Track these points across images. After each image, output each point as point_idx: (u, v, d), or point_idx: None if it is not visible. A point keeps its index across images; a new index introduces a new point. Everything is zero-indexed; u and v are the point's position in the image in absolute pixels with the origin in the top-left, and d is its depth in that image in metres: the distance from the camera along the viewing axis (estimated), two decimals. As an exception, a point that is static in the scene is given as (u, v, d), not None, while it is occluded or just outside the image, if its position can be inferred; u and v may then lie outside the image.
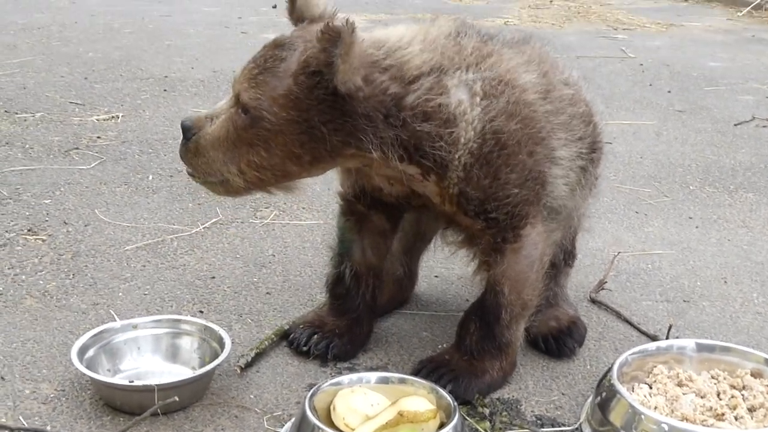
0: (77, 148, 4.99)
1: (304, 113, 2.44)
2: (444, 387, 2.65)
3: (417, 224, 3.11)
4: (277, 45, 2.51)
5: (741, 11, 11.10)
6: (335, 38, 2.30)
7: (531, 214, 2.65)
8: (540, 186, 2.64)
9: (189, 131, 2.59)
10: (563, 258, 3.11)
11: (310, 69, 2.40)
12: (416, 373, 2.77)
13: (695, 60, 8.15)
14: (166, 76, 6.81)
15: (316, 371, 2.88)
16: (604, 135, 3.05)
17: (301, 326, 3.01)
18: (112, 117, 5.64)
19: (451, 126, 2.49)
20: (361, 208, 2.91)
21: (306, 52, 2.43)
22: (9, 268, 3.50)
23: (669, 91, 6.91)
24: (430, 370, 2.78)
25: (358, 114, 2.44)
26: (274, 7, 10.54)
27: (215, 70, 7.09)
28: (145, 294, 3.36)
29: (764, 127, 5.95)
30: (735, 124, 5.98)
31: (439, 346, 3.04)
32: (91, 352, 2.77)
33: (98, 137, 5.20)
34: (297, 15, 2.65)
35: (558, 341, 3.01)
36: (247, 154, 2.52)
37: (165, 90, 6.40)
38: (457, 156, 2.52)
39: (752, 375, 2.68)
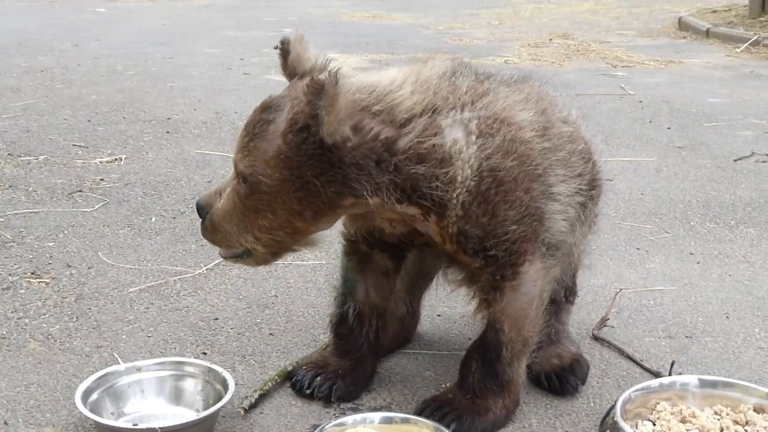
0: (80, 191, 5.02)
1: (296, 170, 2.49)
2: (447, 426, 2.66)
3: (420, 263, 3.12)
4: (264, 108, 2.56)
5: (739, 47, 11.17)
6: (319, 91, 2.35)
7: (529, 251, 2.66)
8: (537, 222, 2.65)
9: (202, 210, 2.69)
10: (564, 295, 3.12)
11: (298, 125, 2.45)
12: (420, 412, 2.77)
13: (694, 96, 8.19)
14: (168, 118, 6.86)
15: (320, 412, 2.88)
16: (604, 173, 3.07)
17: (304, 367, 3.01)
18: (115, 159, 5.68)
19: (447, 165, 2.52)
20: (364, 248, 2.93)
21: (293, 109, 2.48)
22: (12, 312, 3.52)
23: (669, 128, 6.94)
24: (434, 409, 2.77)
25: (347, 164, 2.47)
26: (276, 48, 10.61)
27: (218, 111, 7.14)
28: (148, 336, 3.37)
29: (764, 162, 5.97)
30: (735, 160, 6.01)
31: (443, 385, 3.04)
32: (95, 396, 2.77)
33: (101, 179, 5.24)
34: (290, 71, 2.68)
35: (561, 379, 3.01)
36: (256, 221, 2.59)
37: (168, 132, 6.44)
38: (455, 195, 2.54)
39: (755, 410, 2.68)
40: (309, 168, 2.48)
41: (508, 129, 2.59)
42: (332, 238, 4.00)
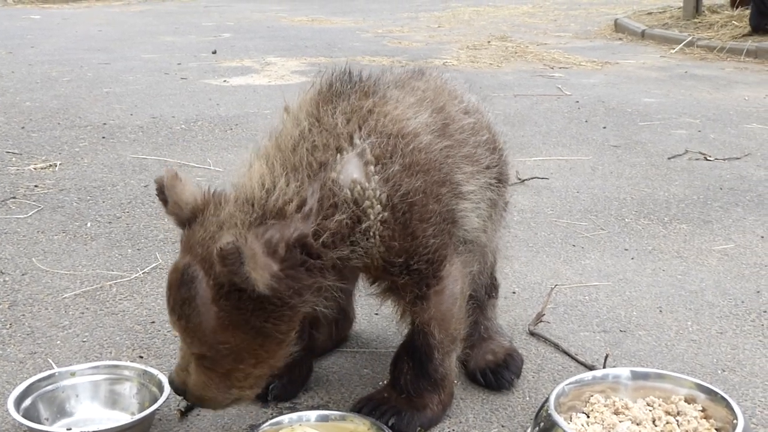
0: (14, 198, 4.96)
1: (245, 325, 2.36)
2: (387, 422, 2.67)
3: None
4: (178, 285, 2.38)
5: (674, 48, 11.34)
6: (236, 259, 2.19)
7: (449, 254, 2.62)
8: (451, 224, 2.60)
9: (179, 391, 2.55)
10: (485, 292, 3.12)
11: (225, 290, 2.31)
12: (357, 411, 2.76)
13: (630, 96, 8.30)
14: (104, 124, 6.80)
15: (257, 412, 2.87)
16: (509, 162, 3.04)
17: (240, 367, 2.99)
18: (50, 165, 5.61)
19: (360, 220, 2.42)
20: None
21: (211, 277, 2.31)
22: (-56, 320, 3.46)
23: (604, 127, 7.03)
24: (372, 408, 2.77)
25: (288, 296, 2.35)
26: (214, 52, 10.60)
27: (155, 116, 7.09)
28: (83, 341, 3.33)
29: (697, 160, 6.07)
30: (668, 158, 6.10)
31: (380, 383, 3.04)
32: (28, 401, 2.74)
33: (36, 186, 5.18)
34: (175, 218, 2.49)
35: (496, 374, 3.02)
36: (234, 374, 2.46)
37: (104, 137, 6.39)
38: (372, 234, 2.45)
39: (686, 401, 2.72)
40: (255, 318, 2.35)
41: (405, 143, 2.48)
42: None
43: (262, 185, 2.40)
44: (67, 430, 2.65)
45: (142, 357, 3.22)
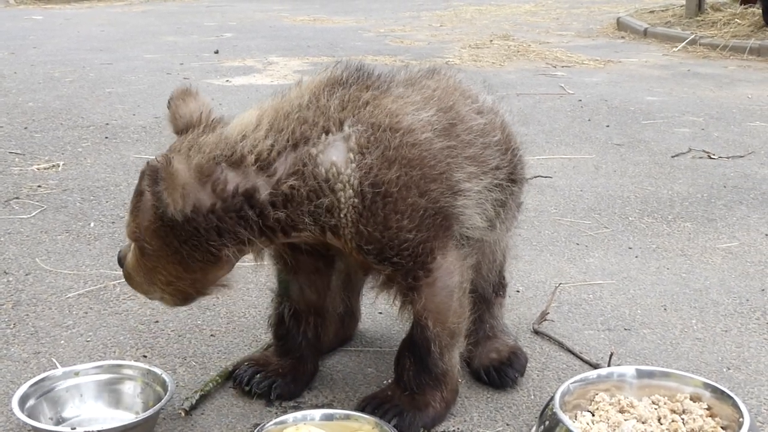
0: (17, 198, 4.96)
1: (166, 239, 2.54)
2: (389, 422, 2.66)
3: (348, 263, 3.02)
4: (142, 176, 2.56)
5: (676, 47, 11.32)
6: (155, 176, 2.40)
7: (437, 248, 2.62)
8: (443, 219, 2.61)
9: (120, 261, 2.79)
10: (493, 291, 3.12)
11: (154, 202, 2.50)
12: (360, 410, 2.76)
13: (633, 95, 8.29)
14: (107, 124, 6.80)
15: (262, 411, 2.87)
16: (524, 162, 3.04)
17: (245, 364, 3.01)
18: (53, 165, 5.61)
19: (323, 195, 2.50)
20: (288, 253, 2.88)
21: None
22: (-52, 320, 3.46)
23: (607, 126, 7.02)
24: (374, 407, 2.77)
25: (204, 229, 2.50)
26: (216, 52, 10.59)
27: (157, 116, 7.08)
28: (87, 341, 3.33)
29: (700, 158, 6.06)
30: (672, 156, 6.09)
31: (384, 382, 3.03)
32: (32, 401, 2.74)
33: (39, 186, 5.18)
34: (172, 124, 2.72)
35: (499, 372, 3.02)
36: (156, 275, 2.64)
37: (106, 137, 6.38)
38: (342, 215, 2.52)
39: (691, 399, 2.72)
40: (175, 237, 2.52)
41: (392, 136, 2.53)
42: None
43: (242, 130, 2.56)
44: (72, 429, 2.65)
45: (145, 356, 3.21)
